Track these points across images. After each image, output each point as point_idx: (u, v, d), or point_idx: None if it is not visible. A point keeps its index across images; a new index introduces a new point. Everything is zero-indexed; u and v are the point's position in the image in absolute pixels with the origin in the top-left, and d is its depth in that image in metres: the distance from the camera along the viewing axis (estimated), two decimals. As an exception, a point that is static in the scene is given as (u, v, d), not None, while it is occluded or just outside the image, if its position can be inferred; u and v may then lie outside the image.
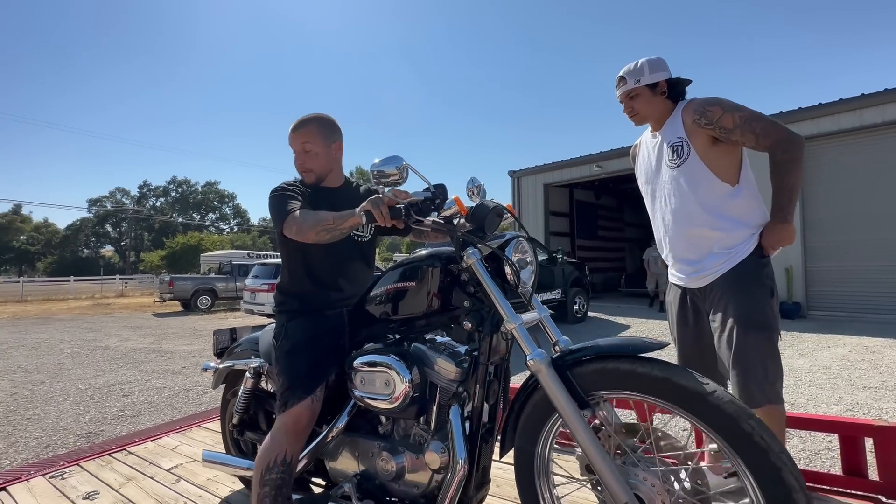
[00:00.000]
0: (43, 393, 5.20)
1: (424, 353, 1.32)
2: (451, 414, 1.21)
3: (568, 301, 8.82)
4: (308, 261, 1.51)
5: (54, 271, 54.23)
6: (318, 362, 1.43)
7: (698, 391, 0.95)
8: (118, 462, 2.31)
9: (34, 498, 1.94)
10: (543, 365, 1.13)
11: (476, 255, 1.22)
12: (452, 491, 1.17)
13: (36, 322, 12.52)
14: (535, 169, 13.43)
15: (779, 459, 0.87)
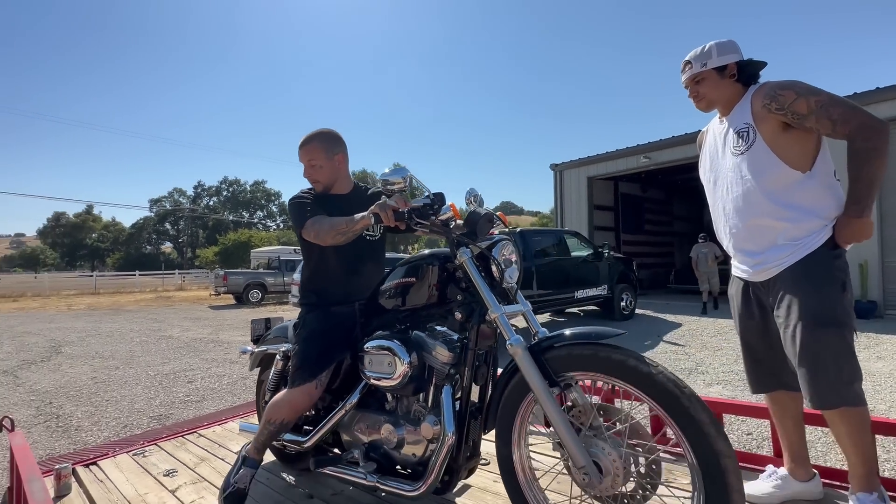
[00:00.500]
0: (118, 377, 5.65)
1: (423, 340, 1.49)
2: (444, 393, 1.39)
3: (614, 297, 8.55)
4: (325, 260, 1.71)
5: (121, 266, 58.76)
6: (326, 350, 1.64)
7: (645, 372, 1.11)
8: (191, 443, 2.46)
9: (121, 473, 2.11)
10: (520, 349, 1.28)
11: (467, 254, 1.39)
12: (441, 458, 1.34)
13: (108, 313, 13.62)
14: (578, 162, 13.07)
15: (708, 427, 1.04)
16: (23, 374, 5.97)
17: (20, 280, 31.09)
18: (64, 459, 2.42)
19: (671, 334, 7.34)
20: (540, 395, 1.24)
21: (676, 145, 10.75)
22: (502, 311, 1.34)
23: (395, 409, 1.57)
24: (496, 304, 1.34)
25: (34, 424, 4.00)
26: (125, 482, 2.00)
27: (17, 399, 4.82)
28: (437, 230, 1.44)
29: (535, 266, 7.07)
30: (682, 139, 10.59)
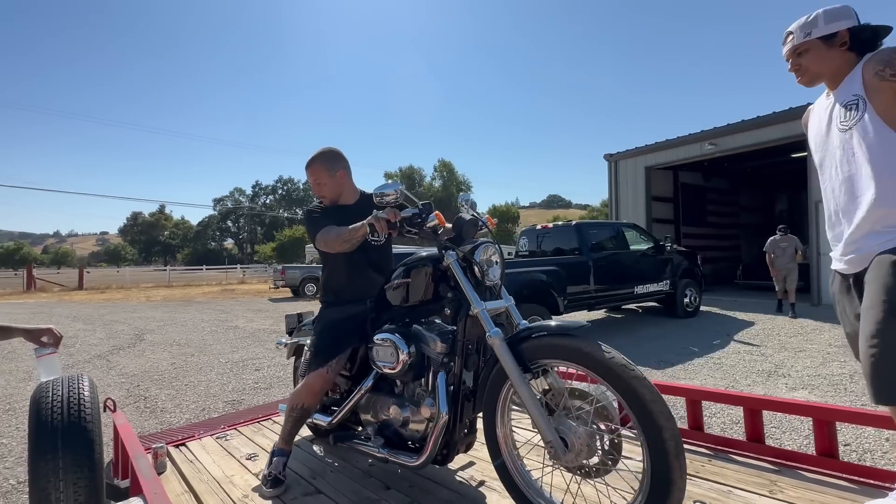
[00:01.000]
0: (194, 364, 6.08)
1: (421, 333, 1.67)
2: (438, 378, 1.58)
3: (677, 294, 8.08)
4: (339, 263, 1.93)
5: (190, 261, 63.52)
6: (337, 341, 1.86)
7: (599, 357, 1.25)
8: (266, 429, 2.58)
9: (207, 455, 2.24)
10: (497, 340, 1.43)
11: (453, 256, 1.58)
12: (436, 434, 1.53)
13: (181, 304, 14.75)
14: (635, 151, 12.45)
15: (654, 406, 1.16)
16: (113, 358, 6.58)
17: (105, 274, 34.50)
18: (157, 439, 2.62)
19: (743, 333, 6.83)
20: (514, 380, 1.41)
21: (746, 130, 9.95)
22: (483, 306, 1.51)
23: (402, 393, 1.77)
24: (477, 300, 1.52)
25: (125, 405, 4.38)
26: (212, 464, 2.12)
27: (110, 381, 5.31)
28: (426, 236, 1.63)
29: (591, 260, 6.81)
30: (753, 123, 9.79)
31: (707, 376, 4.79)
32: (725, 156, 11.13)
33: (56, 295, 19.38)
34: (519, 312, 1.68)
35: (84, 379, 1.70)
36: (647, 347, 6.17)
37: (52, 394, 1.55)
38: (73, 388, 1.59)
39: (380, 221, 1.58)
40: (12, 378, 5.53)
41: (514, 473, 1.52)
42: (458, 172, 46.97)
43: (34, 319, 11.05)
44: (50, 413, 1.49)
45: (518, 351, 1.42)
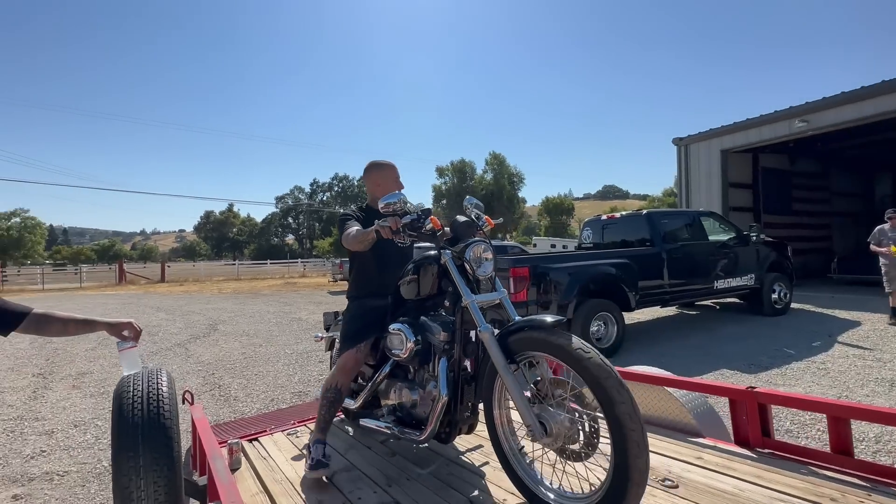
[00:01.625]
0: (262, 354, 6.32)
1: (427, 323, 1.86)
2: (440, 364, 1.74)
3: (764, 289, 7.26)
4: (365, 262, 2.15)
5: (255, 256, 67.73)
6: (363, 328, 2.07)
7: (569, 350, 1.36)
8: (336, 427, 2.50)
9: (280, 452, 2.20)
10: (487, 334, 1.57)
11: (448, 255, 1.74)
12: (436, 413, 1.70)
13: (249, 296, 15.64)
14: (709, 133, 11.39)
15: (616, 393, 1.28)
16: (191, 347, 7.01)
17: (183, 268, 37.57)
18: (230, 429, 2.64)
19: (849, 335, 5.99)
20: (500, 371, 1.53)
21: (846, 103, 8.72)
22: (473, 298, 1.65)
23: (413, 378, 1.94)
24: (468, 293, 1.67)
25: (202, 392, 4.59)
26: (285, 462, 2.06)
27: (188, 369, 5.63)
28: (426, 239, 1.80)
29: (664, 252, 6.26)
30: (854, 95, 8.56)
31: (811, 383, 4.20)
32: (819, 134, 9.86)
33: (142, 287, 21.33)
34: (578, 309, 1.87)
35: (162, 373, 1.67)
36: (732, 348, 5.57)
37: (132, 389, 1.52)
38: (152, 383, 1.56)
39: (383, 228, 1.75)
40: (106, 363, 6.04)
41: (509, 454, 1.65)
42: (509, 165, 45.88)
43: (125, 309, 12.16)
44: (131, 409, 1.47)
45: (506, 344, 1.55)
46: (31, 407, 4.28)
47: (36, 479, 2.82)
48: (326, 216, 75.95)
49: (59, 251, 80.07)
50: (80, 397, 4.56)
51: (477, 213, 1.92)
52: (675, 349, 5.66)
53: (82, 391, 4.77)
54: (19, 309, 1.53)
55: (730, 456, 1.78)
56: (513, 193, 45.75)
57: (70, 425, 3.74)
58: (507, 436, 1.67)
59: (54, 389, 4.86)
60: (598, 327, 5.49)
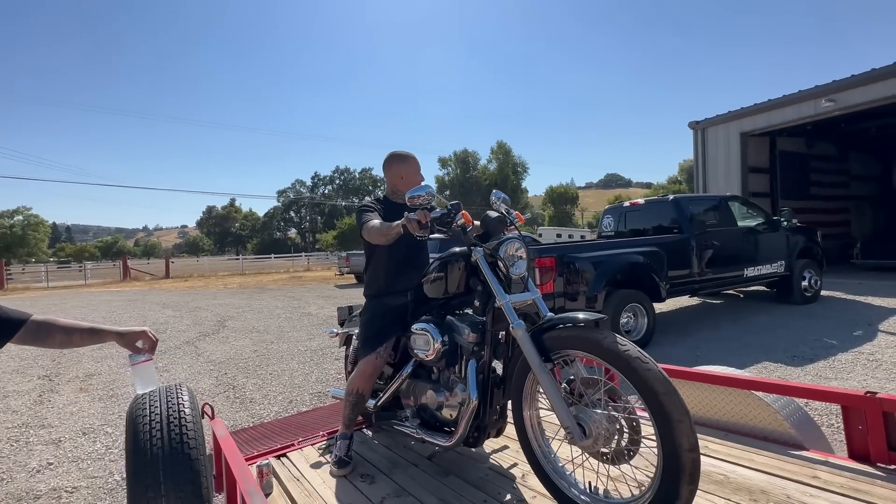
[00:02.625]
0: (275, 351, 6.08)
1: (454, 323, 1.78)
2: (469, 366, 1.67)
3: (794, 276, 6.96)
4: (384, 257, 2.03)
5: (259, 250, 67.65)
6: (383, 330, 1.97)
7: (614, 349, 1.28)
8: (371, 440, 2.25)
9: (313, 470, 1.93)
10: (521, 331, 1.51)
11: (479, 252, 1.66)
12: (466, 418, 1.62)
13: (255, 291, 15.43)
14: (727, 116, 11.00)
15: (666, 399, 1.19)
16: (201, 344, 6.78)
17: (187, 263, 37.46)
18: (250, 437, 2.39)
19: (891, 323, 5.70)
20: (535, 369, 1.46)
21: (876, 81, 8.32)
22: (507, 299, 1.57)
23: (438, 379, 1.86)
24: (502, 294, 1.58)
25: (216, 394, 4.36)
26: (322, 484, 1.81)
27: (199, 368, 5.40)
28: (456, 235, 1.71)
29: (694, 239, 5.96)
30: (886, 72, 8.16)
31: (866, 376, 3.93)
32: (845, 115, 9.47)
33: (147, 283, 21.17)
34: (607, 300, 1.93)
35: (183, 391, 1.41)
36: (768, 338, 5.30)
37: (149, 412, 1.26)
38: (172, 404, 1.29)
39: (411, 222, 1.65)
40: (114, 363, 5.82)
41: (539, 455, 1.57)
42: (514, 155, 45.31)
43: (131, 307, 11.96)
44: (149, 437, 1.21)
45: (540, 341, 1.49)
46: (37, 412, 4.06)
47: (42, 497, 2.59)
48: (329, 209, 75.61)
49: (62, 249, 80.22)
50: (88, 401, 4.33)
51: (507, 207, 1.83)
52: (708, 341, 5.39)
53: (90, 394, 4.54)
54: (15, 316, 1.20)
55: (851, 475, 1.51)
56: (517, 183, 45.26)
57: (78, 433, 3.51)
58: (537, 437, 1.61)
59: (61, 393, 4.64)
60: (627, 319, 5.22)
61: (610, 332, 1.34)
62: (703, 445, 1.82)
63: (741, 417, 1.91)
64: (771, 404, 1.83)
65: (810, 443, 1.74)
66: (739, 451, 1.73)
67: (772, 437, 1.81)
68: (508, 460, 1.89)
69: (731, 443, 1.81)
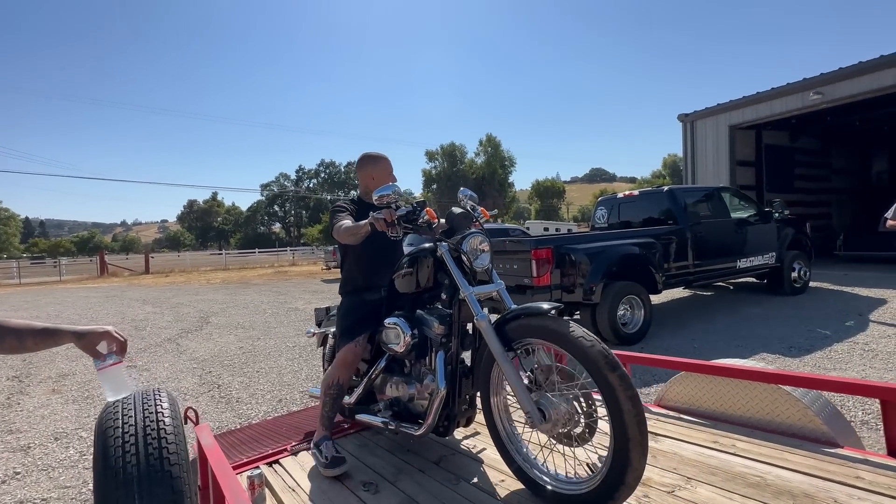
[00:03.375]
0: (262, 348, 5.86)
1: (423, 317, 1.83)
2: (437, 357, 1.73)
3: (784, 267, 7.00)
4: (358, 255, 2.08)
5: (242, 245, 66.36)
6: (359, 322, 2.02)
7: (567, 335, 1.35)
8: (373, 444, 2.09)
9: (310, 481, 1.77)
10: (484, 323, 1.56)
11: (445, 247, 1.73)
12: (434, 407, 1.68)
13: (239, 286, 15.04)
14: (716, 109, 11.04)
15: (607, 366, 1.27)
16: (183, 342, 6.51)
17: (168, 259, 36.47)
18: (236, 441, 2.21)
19: (880, 313, 5.76)
20: (497, 358, 1.52)
21: (863, 73, 8.39)
22: (470, 290, 1.63)
23: (410, 372, 1.90)
24: (465, 286, 1.63)
25: (200, 394, 4.14)
26: (320, 494, 1.65)
27: (181, 367, 5.15)
28: (422, 231, 1.77)
29: (689, 230, 5.91)
30: (873, 64, 8.23)
31: (864, 366, 3.92)
32: (829, 108, 9.57)
33: (126, 279, 20.51)
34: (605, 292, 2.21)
35: (162, 396, 1.23)
36: (763, 330, 5.29)
37: (122, 423, 1.08)
38: (149, 413, 1.11)
39: (378, 221, 1.70)
40: (89, 362, 5.52)
41: (505, 439, 1.64)
42: (502, 149, 45.12)
43: (109, 303, 11.51)
44: (122, 453, 1.02)
45: (503, 332, 1.54)
46: (4, 416, 3.79)
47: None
48: (314, 203, 74.56)
49: (36, 244, 77.42)
50: (60, 403, 4.07)
51: (472, 204, 1.89)
52: (704, 332, 5.36)
53: (63, 396, 4.27)
54: None
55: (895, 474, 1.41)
56: (504, 177, 45.16)
57: (49, 438, 3.27)
58: (503, 422, 1.67)
59: (31, 395, 4.36)
60: (623, 311, 5.14)
61: (562, 319, 1.42)
62: (730, 444, 1.72)
63: (767, 413, 1.81)
64: (800, 399, 1.72)
65: (843, 439, 1.64)
66: (771, 449, 1.62)
67: (801, 433, 1.71)
68: (480, 445, 1.96)
69: (760, 441, 1.70)
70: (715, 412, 1.97)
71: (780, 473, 1.48)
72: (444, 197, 43.78)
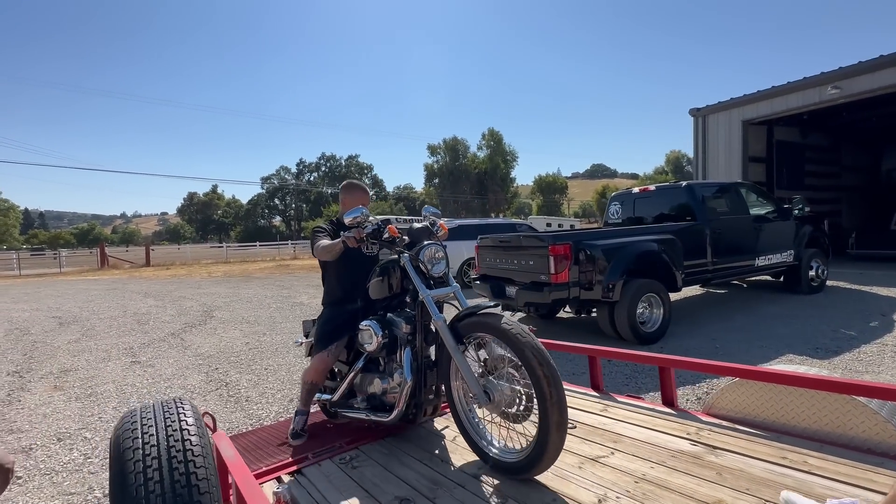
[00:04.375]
0: (268, 344, 5.71)
1: (392, 319, 2.11)
2: (405, 353, 1.99)
3: (802, 266, 6.84)
4: (337, 270, 2.37)
5: (242, 238, 66.16)
6: (334, 331, 2.30)
7: (502, 329, 1.62)
8: (402, 452, 1.95)
9: (339, 493, 1.63)
10: (440, 322, 1.83)
11: (406, 257, 2.01)
12: (402, 397, 1.94)
13: (241, 280, 14.88)
14: (729, 103, 10.82)
15: (532, 354, 1.51)
16: (187, 336, 6.36)
17: (168, 251, 36.32)
18: (251, 444, 2.06)
19: None
20: (450, 351, 1.80)
21: (886, 67, 8.18)
22: (427, 293, 1.90)
23: (384, 369, 2.13)
24: (423, 289, 1.91)
25: (208, 392, 4.00)
26: (354, 512, 1.50)
27: (187, 363, 5.01)
28: (386, 245, 2.09)
29: (708, 227, 5.74)
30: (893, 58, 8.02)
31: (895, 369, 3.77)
32: (847, 103, 9.36)
33: (127, 272, 20.35)
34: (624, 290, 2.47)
35: (185, 408, 1.08)
36: (784, 329, 5.14)
37: (143, 445, 0.92)
38: (173, 432, 0.95)
39: (349, 239, 2.03)
40: (92, 357, 5.37)
41: (463, 419, 1.88)
42: (505, 143, 44.71)
43: (110, 295, 11.36)
44: (144, 482, 0.86)
45: (456, 329, 1.81)
46: (5, 415, 3.64)
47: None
48: (314, 197, 74.24)
49: (35, 235, 77.22)
50: (63, 401, 3.92)
51: (433, 219, 2.20)
52: (723, 332, 5.21)
53: (66, 393, 4.13)
54: None
55: None
56: (506, 172, 44.84)
57: (52, 438, 3.12)
58: (462, 405, 1.90)
59: (32, 391, 4.21)
60: (643, 310, 4.99)
61: (501, 316, 1.68)
62: (801, 460, 1.57)
63: (838, 426, 1.66)
64: (878, 411, 1.57)
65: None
66: (851, 468, 1.47)
67: (879, 449, 1.56)
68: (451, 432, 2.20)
69: (835, 457, 1.55)
70: (775, 423, 1.82)
71: (868, 496, 1.33)
72: (447, 191, 43.55)
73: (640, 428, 1.95)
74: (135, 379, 4.47)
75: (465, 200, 41.31)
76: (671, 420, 2.00)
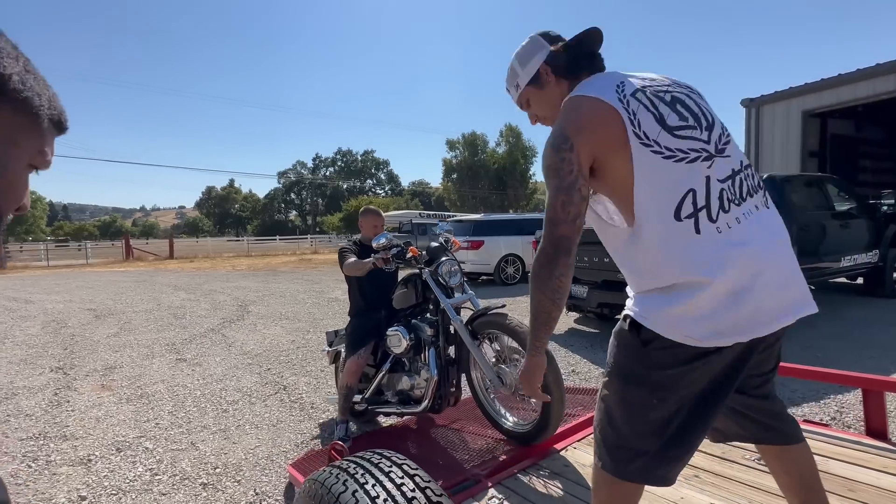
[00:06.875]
0: (315, 343, 5.39)
1: (417, 324, 2.50)
2: (430, 353, 2.36)
3: (886, 267, 6.27)
4: (361, 284, 2.75)
5: (260, 232, 66.63)
6: (364, 336, 2.64)
7: (508, 326, 2.07)
8: (552, 484, 1.56)
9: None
10: (457, 324, 2.26)
11: (427, 273, 2.44)
12: (430, 390, 2.30)
13: (268, 273, 14.70)
14: (787, 93, 10.16)
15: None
16: (228, 332, 6.09)
17: (188, 244, 36.54)
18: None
19: None
20: (468, 346, 2.21)
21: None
22: (447, 302, 2.31)
23: (410, 369, 2.53)
24: (444, 299, 2.32)
25: (267, 396, 3.68)
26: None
27: (235, 362, 4.71)
28: (409, 265, 2.57)
29: (795, 224, 5.22)
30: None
31: None
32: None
33: (152, 264, 20.41)
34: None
35: (422, 474, 0.70)
36: (886, 337, 4.64)
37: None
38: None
39: (379, 260, 2.47)
40: (135, 353, 5.12)
41: (483, 400, 2.33)
42: (524, 139, 43.87)
43: (141, 287, 11.23)
44: None
45: (472, 328, 2.23)
46: (55, 417, 3.37)
47: (79, 551, 1.90)
48: (330, 192, 74.33)
49: (61, 227, 78.97)
50: (114, 402, 3.64)
51: (446, 237, 2.66)
52: (815, 339, 4.72)
53: (115, 393, 3.85)
54: None
55: None
56: (525, 168, 44.07)
57: (111, 448, 2.82)
58: (481, 390, 2.34)
59: (80, 391, 3.95)
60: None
61: (505, 314, 2.12)
62: None
63: None
64: None
65: None
66: None
67: None
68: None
69: None
70: None
71: None
72: (465, 186, 43.04)
73: None
74: (184, 379, 4.18)
75: (483, 196, 40.69)
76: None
